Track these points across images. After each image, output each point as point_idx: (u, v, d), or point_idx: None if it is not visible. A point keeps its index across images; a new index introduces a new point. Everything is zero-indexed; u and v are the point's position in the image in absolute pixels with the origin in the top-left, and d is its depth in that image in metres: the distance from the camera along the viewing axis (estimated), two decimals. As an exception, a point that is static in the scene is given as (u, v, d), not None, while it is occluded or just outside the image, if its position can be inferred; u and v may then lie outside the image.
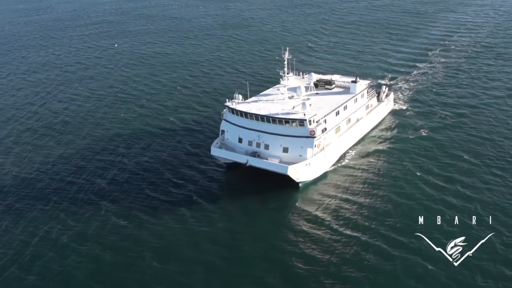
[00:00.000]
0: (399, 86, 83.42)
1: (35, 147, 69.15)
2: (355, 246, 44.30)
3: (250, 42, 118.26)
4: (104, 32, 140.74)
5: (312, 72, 68.52)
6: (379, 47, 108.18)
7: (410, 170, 56.14)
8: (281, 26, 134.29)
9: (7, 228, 50.22)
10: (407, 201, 50.40)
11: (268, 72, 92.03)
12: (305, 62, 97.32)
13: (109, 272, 42.47)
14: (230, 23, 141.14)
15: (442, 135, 64.56)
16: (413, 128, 67.28)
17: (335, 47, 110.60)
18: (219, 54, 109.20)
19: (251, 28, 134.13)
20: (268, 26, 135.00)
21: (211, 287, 40.57)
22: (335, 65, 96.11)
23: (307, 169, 53.54)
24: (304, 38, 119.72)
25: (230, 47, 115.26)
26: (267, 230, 47.49)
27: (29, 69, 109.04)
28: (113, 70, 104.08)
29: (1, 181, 59.84)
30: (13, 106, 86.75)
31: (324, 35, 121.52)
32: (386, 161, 59.03)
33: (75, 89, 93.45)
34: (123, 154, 64.90)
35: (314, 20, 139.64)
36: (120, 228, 49.09)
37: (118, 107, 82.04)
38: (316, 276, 40.80)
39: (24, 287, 41.78)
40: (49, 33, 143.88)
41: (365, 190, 53.23)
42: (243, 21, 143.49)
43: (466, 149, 60.69)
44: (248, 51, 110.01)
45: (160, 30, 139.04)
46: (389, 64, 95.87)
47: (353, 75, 67.99)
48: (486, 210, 46.90)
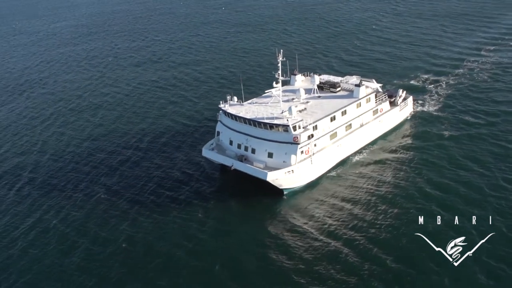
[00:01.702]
0: (434, 87, 78.65)
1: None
2: (347, 249, 44.54)
3: (269, 39, 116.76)
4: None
5: (325, 73, 66.04)
6: (424, 44, 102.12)
7: (413, 178, 54.33)
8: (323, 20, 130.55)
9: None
10: (406, 202, 50.15)
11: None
12: (343, 60, 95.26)
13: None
14: (241, 21, 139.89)
15: (459, 146, 60.33)
16: (431, 136, 63.39)
17: (383, 43, 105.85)
18: (225, 52, 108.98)
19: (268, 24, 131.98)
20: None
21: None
22: (371, 64, 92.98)
23: (290, 177, 52.07)
24: (355, 28, 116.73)
25: (248, 45, 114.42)
26: (243, 238, 47.79)
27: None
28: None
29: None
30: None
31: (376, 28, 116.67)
32: (389, 170, 56.77)
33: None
34: (119, 152, 67.72)
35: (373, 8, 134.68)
36: (105, 224, 51.65)
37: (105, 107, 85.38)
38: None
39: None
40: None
41: (359, 197, 52.10)
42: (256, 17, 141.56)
43: (476, 158, 57.07)
44: (261, 50, 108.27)
45: (158, 28, 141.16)
46: (431, 64, 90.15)
47: (376, 75, 64.32)
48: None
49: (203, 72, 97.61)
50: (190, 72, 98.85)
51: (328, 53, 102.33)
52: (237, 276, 42.57)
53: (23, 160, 68.61)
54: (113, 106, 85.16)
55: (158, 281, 42.89)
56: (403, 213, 48.22)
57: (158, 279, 43.20)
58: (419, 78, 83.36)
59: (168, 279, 43.11)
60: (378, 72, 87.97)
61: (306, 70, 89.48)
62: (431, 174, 54.77)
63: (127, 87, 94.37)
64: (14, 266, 46.73)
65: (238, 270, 43.38)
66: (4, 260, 47.84)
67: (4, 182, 62.96)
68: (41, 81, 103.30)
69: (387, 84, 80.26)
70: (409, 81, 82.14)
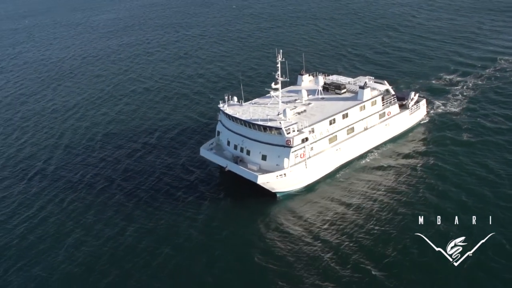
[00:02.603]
0: (458, 89, 75.64)
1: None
2: (343, 250, 44.77)
3: (286, 37, 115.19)
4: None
5: (335, 74, 64.73)
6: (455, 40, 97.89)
7: (415, 183, 53.60)
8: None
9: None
10: (404, 205, 49.94)
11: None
12: (367, 58, 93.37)
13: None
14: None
15: (471, 151, 58.16)
16: (442, 141, 61.41)
17: (413, 40, 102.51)
18: (233, 52, 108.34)
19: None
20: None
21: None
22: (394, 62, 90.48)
23: (282, 180, 51.55)
24: (387, 25, 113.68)
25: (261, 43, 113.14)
26: (230, 237, 48.57)
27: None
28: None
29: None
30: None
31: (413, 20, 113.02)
32: (391, 175, 55.78)
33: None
34: (119, 151, 68.99)
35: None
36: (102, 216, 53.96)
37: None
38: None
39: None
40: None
41: (356, 201, 51.74)
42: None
43: (486, 165, 55.34)
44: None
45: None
46: (460, 63, 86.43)
47: (398, 75, 61.48)
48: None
49: (225, 68, 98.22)
50: (212, 68, 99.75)
51: (354, 51, 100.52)
52: (219, 276, 43.26)
53: (38, 150, 71.90)
54: (132, 100, 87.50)
55: (140, 275, 44.30)
56: (402, 213, 48.26)
57: (140, 272, 44.60)
58: (444, 79, 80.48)
59: (150, 272, 44.48)
60: (401, 72, 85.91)
61: (324, 69, 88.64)
62: (434, 179, 53.62)
63: (149, 81, 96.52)
64: (12, 251, 49.68)
65: (220, 269, 44.05)
66: (4, 245, 50.75)
67: (19, 171, 66.41)
68: (71, 73, 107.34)
69: (408, 85, 78.03)
70: (432, 82, 79.53)
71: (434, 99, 72.71)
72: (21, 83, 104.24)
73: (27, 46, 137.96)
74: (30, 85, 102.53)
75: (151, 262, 45.61)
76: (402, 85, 78.49)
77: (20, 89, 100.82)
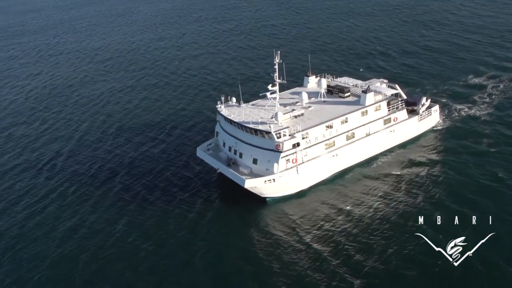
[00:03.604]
0: (484, 94, 71.85)
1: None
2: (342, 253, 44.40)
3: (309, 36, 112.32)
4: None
5: (346, 75, 62.69)
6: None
7: (414, 192, 51.87)
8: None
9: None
10: (399, 209, 49.21)
11: (296, 73, 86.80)
12: (392, 58, 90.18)
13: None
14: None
15: (482, 161, 55.46)
16: (453, 150, 58.58)
17: (448, 39, 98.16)
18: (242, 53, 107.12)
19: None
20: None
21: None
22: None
23: (271, 185, 50.74)
24: (425, 19, 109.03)
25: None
26: (212, 237, 48.88)
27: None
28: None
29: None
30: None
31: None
32: (390, 183, 53.89)
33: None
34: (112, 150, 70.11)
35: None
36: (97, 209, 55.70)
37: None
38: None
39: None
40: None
41: (348, 208, 50.53)
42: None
43: (494, 173, 53.24)
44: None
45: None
46: (493, 66, 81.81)
47: (420, 77, 57.97)
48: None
49: (250, 66, 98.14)
50: (237, 64, 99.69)
51: (382, 49, 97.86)
52: (195, 275, 43.67)
53: (54, 140, 75.01)
54: (151, 94, 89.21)
55: (116, 265, 45.81)
56: (398, 217, 47.79)
57: (117, 263, 46.05)
58: (472, 82, 76.53)
59: (127, 263, 45.90)
60: (427, 73, 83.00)
61: (347, 69, 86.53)
62: (436, 185, 52.14)
63: (172, 75, 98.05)
64: (12, 234, 52.71)
65: (197, 268, 44.44)
66: (5, 229, 53.83)
67: (36, 159, 69.52)
68: (101, 65, 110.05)
69: (433, 88, 75.01)
70: (458, 85, 75.95)
71: (457, 103, 69.54)
72: (52, 74, 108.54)
73: (66, 36, 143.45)
74: (61, 75, 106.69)
75: (133, 256, 46.72)
76: (428, 87, 75.89)
77: (50, 79, 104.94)
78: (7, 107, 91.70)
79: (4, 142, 76.63)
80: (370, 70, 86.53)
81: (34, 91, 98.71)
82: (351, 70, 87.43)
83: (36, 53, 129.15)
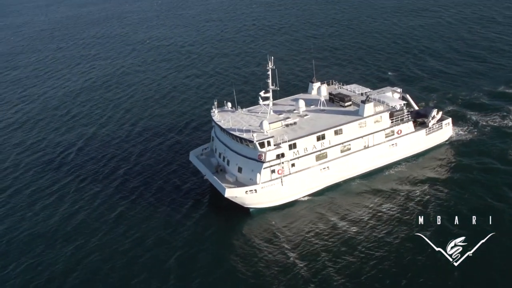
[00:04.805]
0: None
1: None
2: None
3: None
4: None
5: (356, 83, 59.82)
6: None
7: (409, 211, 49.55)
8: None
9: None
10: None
11: (300, 77, 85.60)
12: (426, 62, 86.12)
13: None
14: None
15: (493, 180, 52.09)
16: (463, 168, 54.96)
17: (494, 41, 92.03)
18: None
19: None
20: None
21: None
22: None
23: (253, 196, 49.95)
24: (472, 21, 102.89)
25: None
26: (191, 243, 48.61)
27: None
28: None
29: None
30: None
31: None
32: (385, 199, 51.52)
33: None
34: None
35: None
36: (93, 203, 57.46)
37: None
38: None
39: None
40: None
41: (337, 223, 48.87)
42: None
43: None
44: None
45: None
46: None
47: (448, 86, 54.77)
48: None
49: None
50: (253, 68, 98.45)
51: (419, 53, 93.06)
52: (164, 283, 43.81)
53: (66, 138, 77.36)
54: (178, 94, 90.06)
55: (94, 253, 48.03)
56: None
57: (93, 252, 48.33)
58: (502, 91, 71.32)
59: (101, 254, 47.79)
60: (456, 81, 77.77)
61: (376, 71, 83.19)
62: (433, 203, 49.75)
63: (186, 77, 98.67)
64: (24, 222, 55.41)
65: (167, 277, 44.24)
66: (20, 216, 56.86)
67: (55, 151, 72.84)
68: (139, 67, 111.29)
69: (450, 98, 70.38)
70: (485, 95, 70.88)
71: (483, 116, 64.69)
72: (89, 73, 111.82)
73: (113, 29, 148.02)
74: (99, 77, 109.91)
75: (104, 263, 47.14)
76: (449, 96, 71.75)
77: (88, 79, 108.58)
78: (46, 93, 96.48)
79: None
80: (400, 74, 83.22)
81: (56, 95, 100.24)
82: (380, 73, 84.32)
83: (83, 46, 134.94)
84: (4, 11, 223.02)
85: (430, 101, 70.28)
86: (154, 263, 45.90)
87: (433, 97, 71.53)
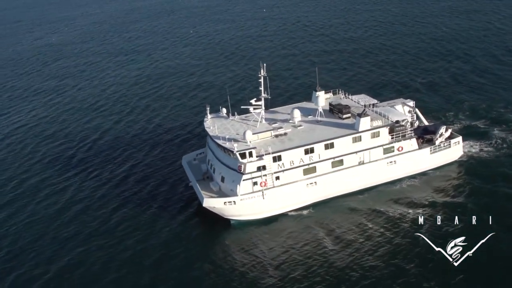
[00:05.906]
0: None
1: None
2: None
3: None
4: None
5: (364, 93, 56.60)
6: None
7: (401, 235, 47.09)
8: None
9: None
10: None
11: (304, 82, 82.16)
12: (461, 70, 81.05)
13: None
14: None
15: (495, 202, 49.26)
16: (470, 190, 51.19)
17: None
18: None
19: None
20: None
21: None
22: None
23: (232, 208, 48.51)
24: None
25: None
26: (169, 251, 47.97)
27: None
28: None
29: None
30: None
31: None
32: (377, 220, 48.72)
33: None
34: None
35: None
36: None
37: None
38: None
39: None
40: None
41: (320, 241, 46.85)
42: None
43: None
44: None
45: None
46: None
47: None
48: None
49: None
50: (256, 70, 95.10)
51: (455, 59, 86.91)
52: (136, 273, 44.42)
53: (67, 143, 77.23)
54: (181, 96, 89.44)
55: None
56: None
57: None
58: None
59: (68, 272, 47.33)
60: (483, 95, 71.58)
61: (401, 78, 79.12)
62: (435, 209, 48.54)
63: (190, 78, 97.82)
64: (25, 214, 57.06)
65: (137, 266, 45.16)
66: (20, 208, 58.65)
67: (63, 147, 74.41)
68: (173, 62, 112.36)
69: (468, 115, 65.37)
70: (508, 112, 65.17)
71: (498, 135, 59.54)
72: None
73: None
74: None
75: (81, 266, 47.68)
76: (467, 112, 66.54)
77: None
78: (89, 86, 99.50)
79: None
80: (430, 82, 78.06)
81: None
82: (408, 80, 79.77)
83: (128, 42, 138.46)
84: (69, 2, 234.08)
85: (460, 112, 66.07)
86: (132, 260, 46.05)
87: (464, 108, 67.23)
